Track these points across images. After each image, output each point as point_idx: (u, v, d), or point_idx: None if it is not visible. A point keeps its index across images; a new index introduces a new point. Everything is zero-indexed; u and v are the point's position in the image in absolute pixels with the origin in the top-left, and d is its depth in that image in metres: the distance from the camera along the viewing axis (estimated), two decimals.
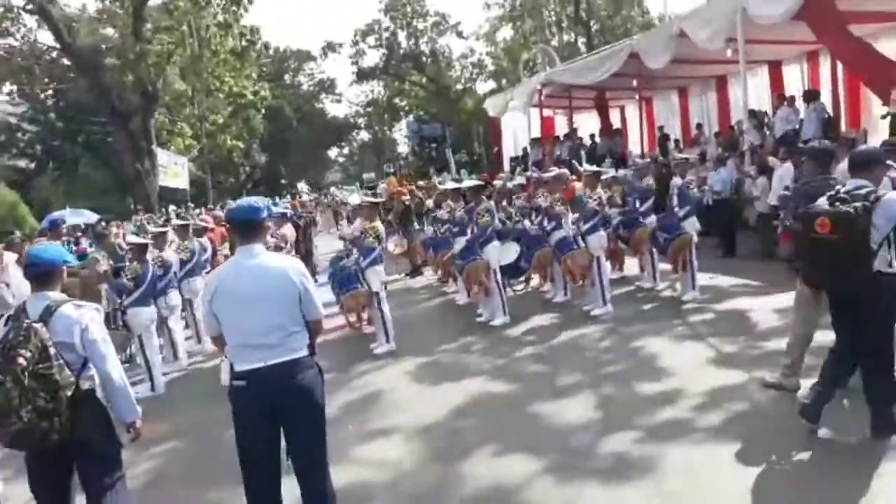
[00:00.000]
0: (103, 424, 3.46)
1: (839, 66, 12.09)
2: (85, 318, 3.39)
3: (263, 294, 3.40)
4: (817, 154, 5.11)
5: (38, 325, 3.26)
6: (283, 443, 3.45)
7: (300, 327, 3.49)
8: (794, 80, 14.68)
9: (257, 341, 3.38)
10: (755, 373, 5.54)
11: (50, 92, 32.65)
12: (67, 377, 3.26)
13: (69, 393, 3.25)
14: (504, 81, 33.84)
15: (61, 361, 3.25)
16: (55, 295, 3.46)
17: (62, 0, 24.38)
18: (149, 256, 7.81)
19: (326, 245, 15.91)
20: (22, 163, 37.54)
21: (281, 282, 3.44)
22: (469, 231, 8.64)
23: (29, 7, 23.16)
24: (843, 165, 5.19)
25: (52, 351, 3.22)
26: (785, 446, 4.29)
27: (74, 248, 11.53)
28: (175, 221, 11.03)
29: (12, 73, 28.74)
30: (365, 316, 8.73)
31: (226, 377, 3.53)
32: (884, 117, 9.97)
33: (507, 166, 21.15)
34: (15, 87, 30.31)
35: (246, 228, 3.54)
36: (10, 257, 7.71)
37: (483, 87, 38.17)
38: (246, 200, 3.80)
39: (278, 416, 3.41)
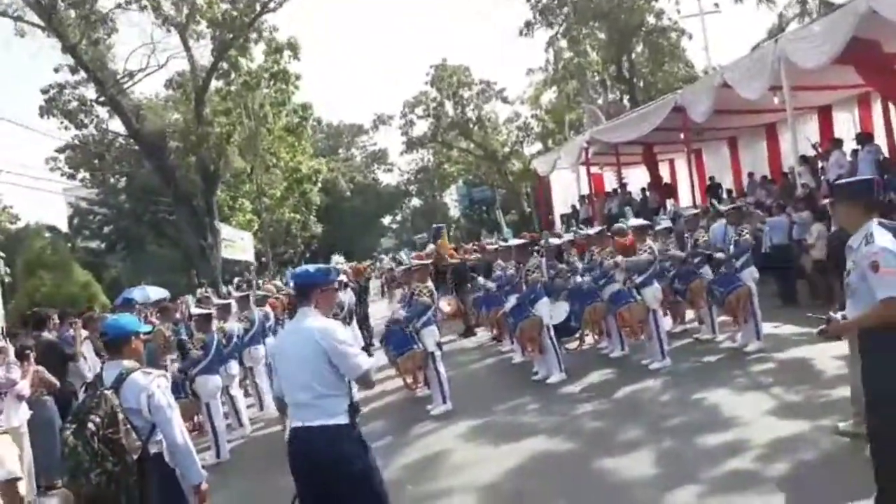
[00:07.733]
0: (171, 488, 3.59)
1: (892, 107, 11.90)
2: (152, 385, 3.56)
3: (296, 354, 3.61)
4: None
5: (108, 392, 3.46)
6: None
7: (333, 391, 3.54)
8: (846, 124, 14.47)
9: (296, 398, 3.61)
10: (821, 421, 5.35)
11: (118, 176, 34.68)
12: (133, 441, 3.42)
13: (135, 457, 3.39)
14: (550, 142, 34.14)
15: (128, 427, 3.41)
16: (127, 363, 3.66)
17: (133, 88, 26.09)
18: (213, 326, 8.13)
19: (378, 311, 16.16)
20: (94, 244, 39.75)
21: (306, 342, 3.58)
22: (519, 289, 8.68)
23: (101, 100, 24.87)
24: None
25: (120, 416, 3.39)
26: (857, 494, 4.11)
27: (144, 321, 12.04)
28: (234, 293, 11.43)
29: (87, 160, 30.83)
30: (421, 377, 8.77)
31: (287, 431, 3.77)
32: None
33: (557, 224, 21.24)
34: (88, 174, 32.36)
35: (298, 293, 3.86)
36: (87, 334, 8.19)
37: (530, 148, 38.54)
38: (302, 267, 4.09)
39: (319, 480, 3.53)
